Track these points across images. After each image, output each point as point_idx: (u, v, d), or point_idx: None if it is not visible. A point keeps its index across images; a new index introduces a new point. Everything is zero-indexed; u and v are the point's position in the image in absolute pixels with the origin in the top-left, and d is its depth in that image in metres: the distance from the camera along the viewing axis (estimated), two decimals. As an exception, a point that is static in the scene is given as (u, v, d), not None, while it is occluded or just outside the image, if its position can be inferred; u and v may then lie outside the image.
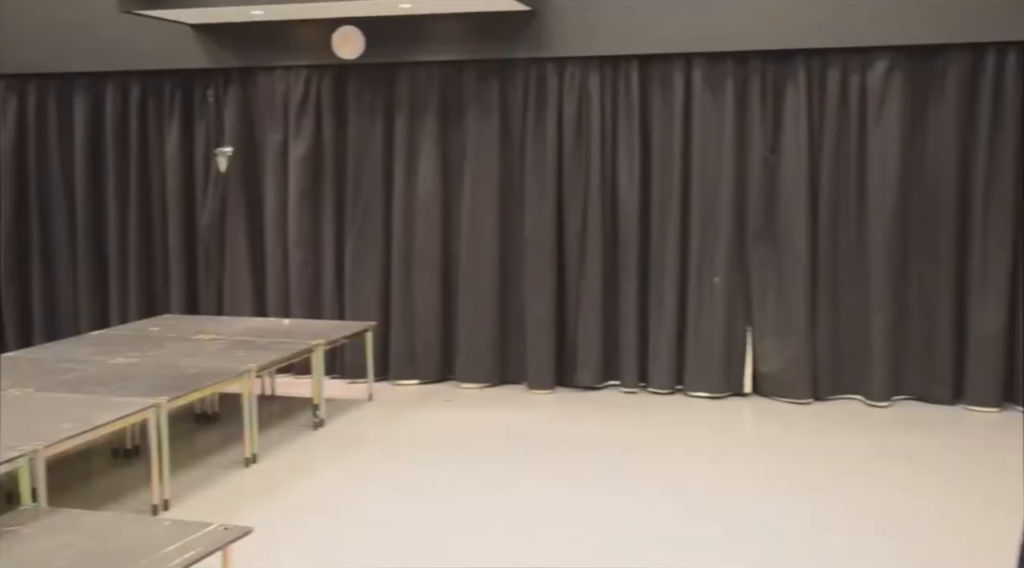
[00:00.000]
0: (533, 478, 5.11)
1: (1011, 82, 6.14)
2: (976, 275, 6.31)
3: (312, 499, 4.87)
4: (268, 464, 5.34)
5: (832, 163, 6.50)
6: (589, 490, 4.92)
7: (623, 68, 6.74)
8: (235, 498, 4.88)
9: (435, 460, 5.44)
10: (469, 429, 6.07)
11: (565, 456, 5.51)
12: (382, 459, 5.54)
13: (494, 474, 5.17)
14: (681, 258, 6.76)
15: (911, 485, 4.96)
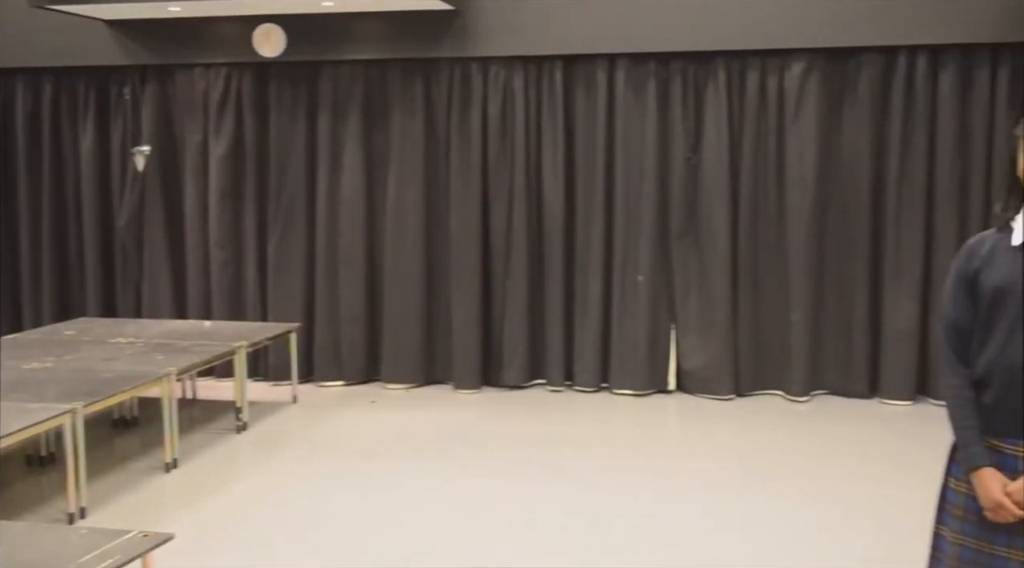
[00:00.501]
0: (462, 478, 5.10)
1: (921, 84, 6.32)
2: (890, 272, 6.49)
3: (235, 504, 4.79)
4: (189, 469, 5.24)
5: (751, 163, 6.62)
6: (517, 488, 4.93)
7: (547, 68, 6.77)
8: (155, 504, 4.78)
9: (362, 462, 5.40)
10: (396, 430, 6.04)
11: (492, 455, 5.51)
12: (307, 462, 5.47)
13: (422, 475, 5.15)
14: (605, 257, 6.82)
15: (828, 477, 5.07)
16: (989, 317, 2.32)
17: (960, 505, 2.39)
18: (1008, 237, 2.33)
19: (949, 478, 2.45)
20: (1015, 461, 2.29)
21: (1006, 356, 2.27)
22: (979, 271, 2.35)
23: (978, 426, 2.33)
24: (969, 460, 2.33)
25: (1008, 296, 2.27)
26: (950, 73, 6.29)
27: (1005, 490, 2.26)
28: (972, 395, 2.35)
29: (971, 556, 2.35)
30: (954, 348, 2.39)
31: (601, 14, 6.54)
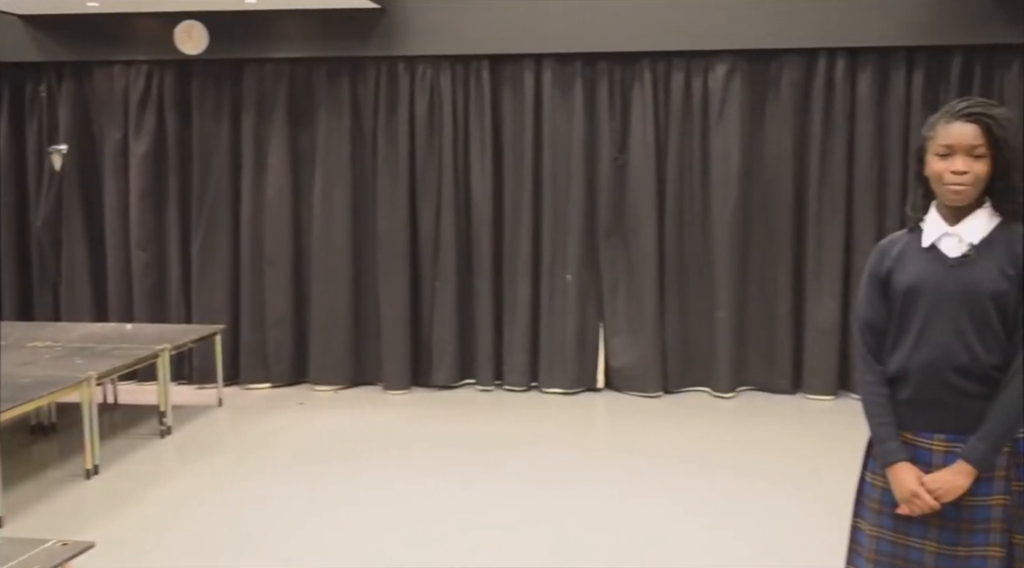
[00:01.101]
0: (393, 479, 5.07)
1: (840, 85, 6.47)
2: (812, 271, 6.62)
3: (159, 510, 4.70)
4: (111, 475, 5.12)
5: (677, 163, 6.71)
6: (450, 489, 4.92)
7: (474, 68, 6.77)
8: (75, 512, 4.66)
9: (290, 465, 5.33)
10: (325, 432, 5.98)
11: (424, 456, 5.48)
12: (233, 466, 5.39)
13: (353, 477, 5.11)
14: (534, 256, 6.84)
15: (754, 471, 5.15)
16: (902, 316, 2.38)
17: (877, 499, 2.45)
18: (919, 238, 2.39)
19: (866, 472, 2.51)
20: (929, 454, 2.36)
21: (919, 353, 2.33)
22: (891, 271, 2.41)
23: (893, 422, 2.39)
24: (885, 455, 2.39)
25: (919, 295, 2.34)
26: (868, 75, 6.44)
27: (920, 481, 2.33)
28: (887, 392, 2.41)
29: (888, 548, 2.41)
30: (869, 346, 2.45)
31: (528, 14, 6.56)
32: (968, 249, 2.31)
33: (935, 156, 2.32)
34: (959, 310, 2.30)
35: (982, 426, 2.28)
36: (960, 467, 2.30)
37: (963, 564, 2.33)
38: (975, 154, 2.27)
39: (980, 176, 2.28)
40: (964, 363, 2.29)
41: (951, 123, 2.30)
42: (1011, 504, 2.32)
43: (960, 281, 2.30)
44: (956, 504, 2.31)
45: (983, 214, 2.33)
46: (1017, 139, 2.28)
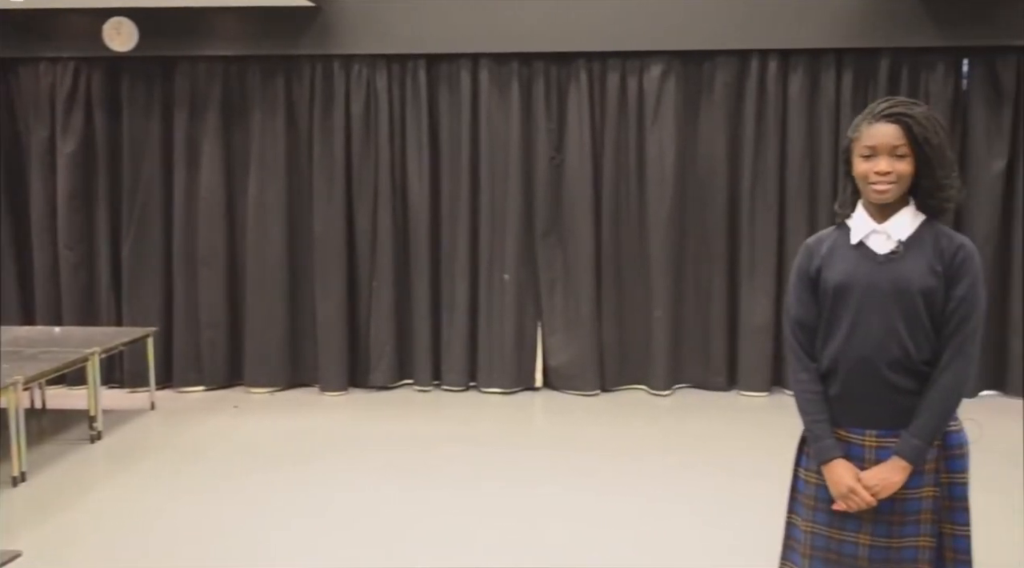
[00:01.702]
0: (330, 482, 5.02)
1: (772, 86, 6.57)
2: (746, 269, 6.72)
3: (88, 518, 4.59)
4: (39, 482, 4.99)
5: (614, 162, 6.75)
6: (388, 490, 4.88)
7: (411, 67, 6.74)
8: (2, 521, 4.52)
9: (225, 469, 5.25)
10: (260, 435, 5.90)
11: (362, 458, 5.44)
12: (166, 471, 5.29)
13: (290, 481, 5.04)
14: (471, 256, 6.84)
15: (691, 468, 5.21)
16: (832, 313, 2.41)
17: (811, 495, 2.48)
18: (847, 235, 2.44)
19: (799, 469, 2.54)
20: (861, 450, 2.40)
21: (850, 349, 2.37)
22: (820, 269, 2.44)
23: (828, 419, 2.43)
24: (821, 453, 2.42)
25: (849, 292, 2.38)
26: (799, 76, 6.55)
27: (857, 478, 2.36)
28: (820, 389, 2.44)
29: (823, 543, 2.45)
30: (800, 344, 2.48)
31: (464, 14, 6.55)
32: (897, 246, 2.36)
33: (860, 157, 2.36)
34: (890, 306, 2.34)
35: (914, 422, 2.33)
36: (895, 463, 2.34)
37: (895, 555, 2.38)
38: (897, 154, 2.32)
39: (903, 175, 2.33)
40: (896, 358, 2.33)
41: (873, 124, 2.35)
42: (940, 496, 2.38)
43: (890, 277, 2.35)
44: (890, 498, 2.35)
45: (909, 212, 2.39)
46: (938, 137, 2.33)
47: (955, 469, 2.39)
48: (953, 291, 2.33)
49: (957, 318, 2.32)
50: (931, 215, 2.40)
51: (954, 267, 2.33)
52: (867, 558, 2.39)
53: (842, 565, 2.42)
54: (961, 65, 6.53)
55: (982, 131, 6.50)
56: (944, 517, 2.39)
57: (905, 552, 2.38)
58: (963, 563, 2.39)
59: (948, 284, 2.33)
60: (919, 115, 2.33)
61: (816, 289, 2.46)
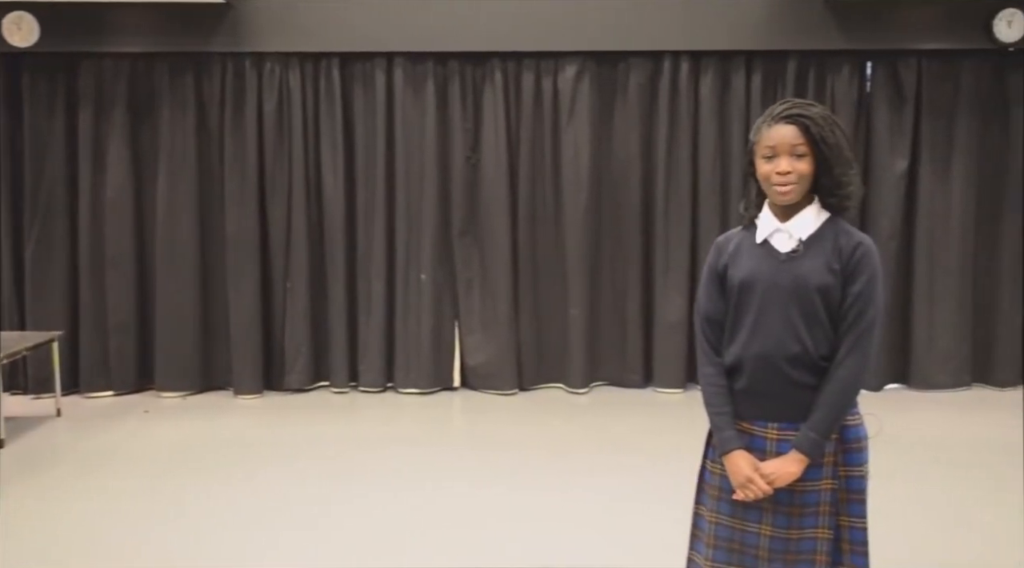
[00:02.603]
0: (245, 487, 4.93)
1: (684, 87, 6.67)
2: (660, 267, 6.80)
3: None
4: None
5: (529, 162, 6.78)
6: (305, 493, 4.82)
7: (324, 65, 6.67)
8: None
9: (134, 476, 5.12)
10: (171, 441, 5.77)
11: (276, 461, 5.36)
12: (72, 479, 5.13)
13: (201, 486, 4.94)
14: (388, 256, 6.80)
15: (608, 464, 5.25)
16: (737, 310, 2.47)
17: (716, 486, 2.54)
18: (753, 234, 2.50)
19: (706, 461, 2.60)
20: (764, 442, 2.46)
21: (754, 345, 2.43)
22: (728, 267, 2.50)
23: (731, 412, 2.49)
24: (723, 444, 2.48)
25: (752, 290, 2.44)
26: (710, 77, 6.67)
27: (755, 468, 2.42)
28: (725, 383, 2.50)
29: (726, 533, 2.51)
30: (708, 339, 2.54)
31: (378, 12, 6.50)
32: (797, 245, 2.42)
33: (762, 158, 2.42)
34: (790, 303, 2.40)
35: (812, 416, 2.39)
36: (793, 456, 2.40)
37: (795, 546, 2.44)
38: (797, 154, 2.38)
39: (804, 174, 2.39)
40: (795, 354, 2.39)
41: (772, 126, 2.41)
42: (838, 488, 2.45)
43: (790, 275, 2.41)
44: (789, 490, 2.41)
45: (811, 211, 2.45)
46: (834, 136, 2.39)
47: (852, 462, 2.46)
48: (850, 288, 2.39)
49: (853, 314, 2.39)
50: (834, 213, 2.46)
51: (851, 264, 2.39)
52: (768, 548, 2.45)
53: (744, 555, 2.48)
54: (865, 68, 6.72)
55: (885, 132, 6.70)
56: (841, 509, 2.46)
57: (804, 543, 2.44)
58: (859, 554, 2.46)
59: (845, 281, 2.39)
60: (816, 115, 2.39)
61: (724, 286, 2.52)
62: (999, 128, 6.76)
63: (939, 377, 6.81)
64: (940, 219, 6.74)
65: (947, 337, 6.78)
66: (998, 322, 6.83)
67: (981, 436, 5.81)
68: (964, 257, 6.76)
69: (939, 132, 6.70)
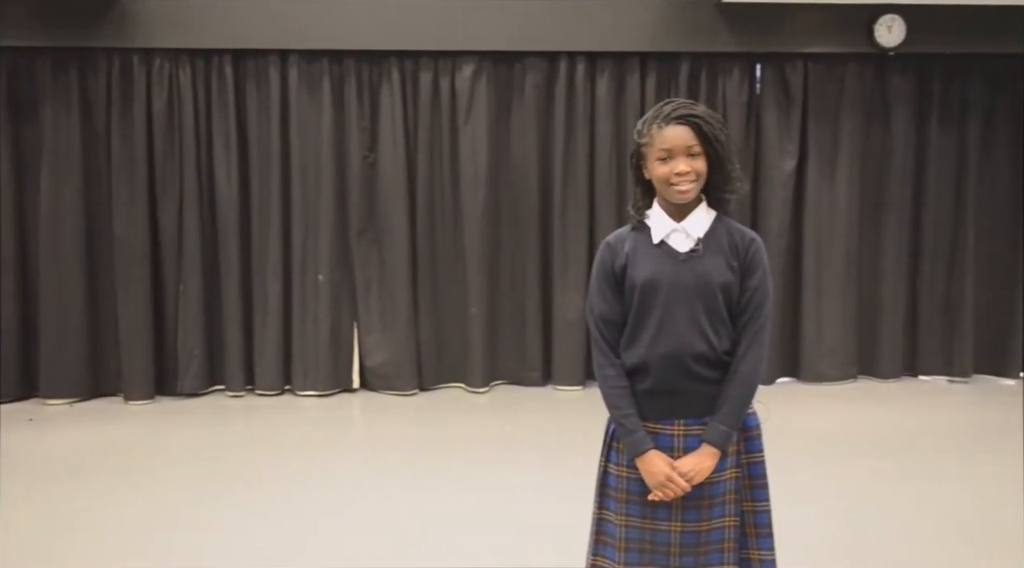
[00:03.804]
0: (133, 495, 4.79)
1: (581, 87, 6.73)
2: (558, 266, 6.86)
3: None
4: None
5: (427, 161, 6.76)
6: (200, 500, 4.70)
7: (216, 62, 6.53)
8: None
9: (18, 487, 4.91)
10: (58, 449, 5.56)
11: (168, 468, 5.22)
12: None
13: (90, 494, 4.78)
14: (284, 256, 6.70)
15: (507, 464, 5.27)
16: (640, 310, 2.48)
17: (623, 489, 2.54)
18: (647, 235, 2.52)
19: (609, 464, 2.59)
20: (671, 440, 2.49)
21: (660, 345, 2.45)
22: (625, 268, 2.51)
23: (637, 413, 2.49)
24: (634, 446, 2.48)
25: (656, 290, 2.46)
26: (606, 78, 6.75)
27: (671, 466, 2.45)
28: (627, 384, 2.51)
29: (636, 534, 2.52)
30: (606, 340, 2.53)
31: (272, 9, 6.40)
32: (697, 244, 2.47)
33: (657, 161, 2.45)
34: (694, 302, 2.44)
35: (719, 409, 2.44)
36: (706, 450, 2.44)
37: (704, 538, 2.49)
38: (692, 153, 2.43)
39: (701, 173, 2.45)
40: (702, 351, 2.43)
41: (664, 128, 2.44)
42: (741, 476, 2.51)
43: (693, 274, 2.44)
44: (698, 484, 2.45)
45: (703, 209, 2.50)
46: (724, 133, 2.45)
47: (753, 449, 2.53)
48: (747, 283, 2.45)
49: (752, 308, 2.45)
50: (718, 209, 2.52)
51: (747, 261, 2.46)
52: (679, 544, 2.48)
53: (656, 554, 2.50)
54: (754, 70, 6.90)
55: (774, 133, 6.88)
56: (745, 496, 2.52)
57: (713, 533, 2.49)
58: (765, 536, 2.53)
59: (743, 277, 2.46)
60: (704, 114, 2.44)
61: (620, 286, 2.52)
62: (881, 129, 7.02)
63: (827, 370, 7.04)
64: (826, 217, 6.97)
65: (834, 331, 7.01)
66: (882, 316, 7.09)
67: (866, 426, 6.02)
68: (849, 253, 7.00)
69: (825, 133, 6.92)
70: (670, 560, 2.48)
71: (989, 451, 5.46)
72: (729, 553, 2.48)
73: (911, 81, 6.94)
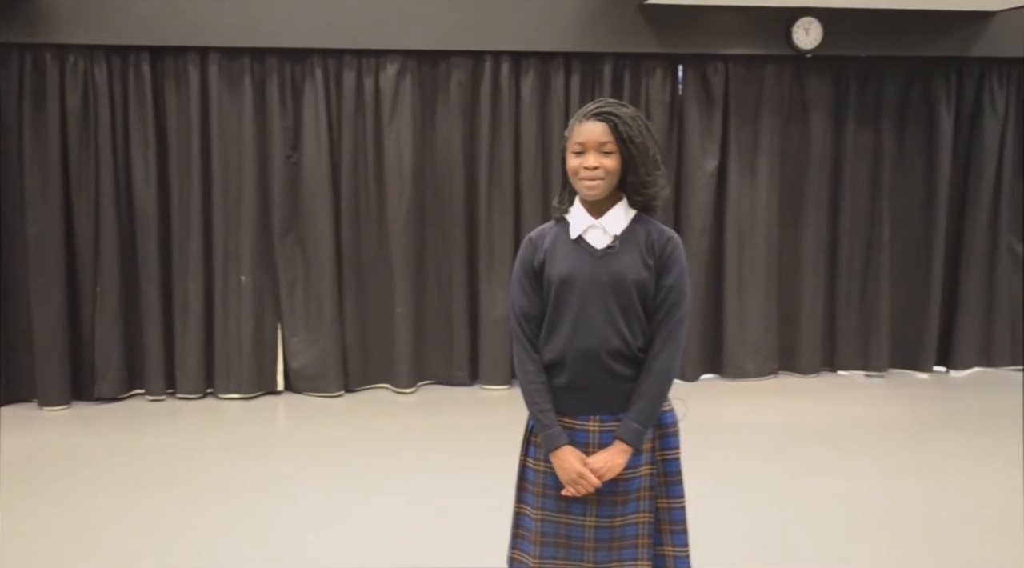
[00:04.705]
0: (47, 503, 4.66)
1: (506, 86, 6.74)
2: (484, 265, 6.86)
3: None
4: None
5: (352, 161, 6.70)
6: (118, 508, 4.60)
7: (133, 59, 6.38)
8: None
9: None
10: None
11: (86, 475, 5.09)
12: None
13: (5, 507, 4.64)
14: (205, 257, 6.58)
15: (434, 464, 5.26)
16: (557, 306, 2.50)
17: (540, 483, 2.57)
18: (567, 230, 2.54)
19: (527, 459, 2.62)
20: (586, 435, 2.51)
21: (576, 340, 2.47)
22: (544, 263, 2.53)
23: (553, 409, 2.51)
24: (549, 441, 2.50)
25: (572, 286, 2.48)
26: (530, 78, 6.77)
27: (583, 463, 2.47)
28: (545, 379, 2.52)
29: (552, 529, 2.54)
30: (526, 335, 2.55)
31: (191, 5, 6.27)
32: (613, 241, 2.49)
33: (572, 153, 2.49)
34: (609, 298, 2.46)
35: (633, 407, 2.46)
36: (618, 447, 2.46)
37: (618, 533, 2.51)
38: (605, 151, 2.45)
39: (611, 170, 2.47)
40: (616, 347, 2.46)
41: (583, 123, 2.48)
42: (656, 472, 2.54)
43: (608, 271, 2.47)
44: (612, 480, 2.48)
45: (622, 207, 2.53)
46: (641, 136, 2.48)
47: (668, 446, 2.56)
48: (663, 281, 2.48)
49: (667, 306, 2.48)
50: (640, 209, 2.54)
51: (663, 259, 2.48)
52: (593, 539, 2.51)
53: (571, 548, 2.52)
54: (677, 71, 6.98)
55: (696, 133, 6.98)
56: (660, 492, 2.55)
57: (627, 529, 2.52)
58: (679, 532, 2.56)
59: (659, 275, 2.48)
60: (625, 115, 2.47)
61: (540, 282, 2.54)
62: (799, 129, 7.16)
63: (749, 366, 7.16)
64: (747, 216, 7.08)
65: (756, 329, 7.13)
66: (802, 313, 7.24)
67: (787, 421, 6.14)
68: (770, 252, 7.13)
69: (745, 133, 7.03)
70: (584, 555, 2.51)
71: (903, 444, 5.62)
72: (643, 549, 2.51)
73: (828, 82, 7.10)
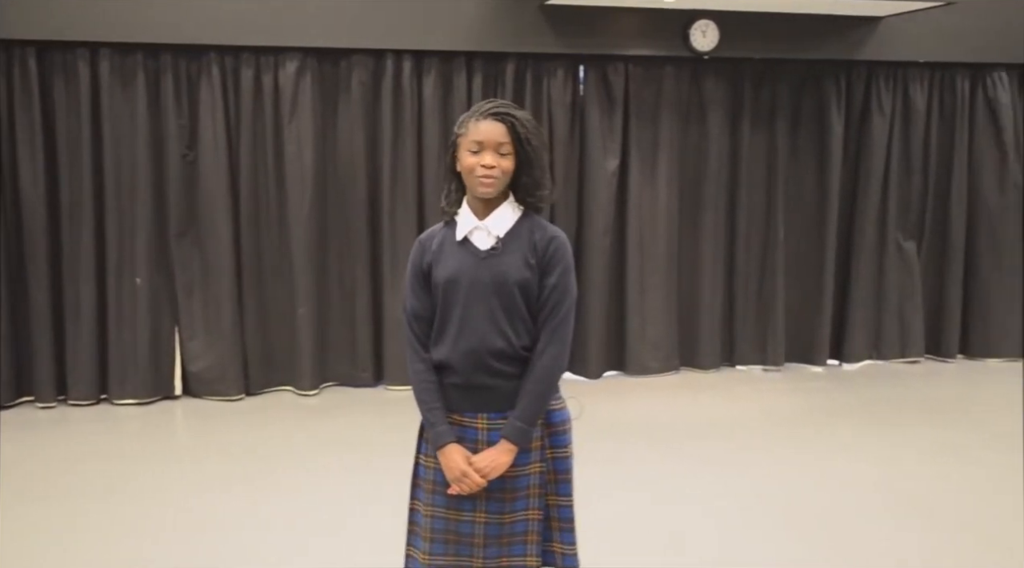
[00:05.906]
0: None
1: (408, 85, 6.71)
2: (388, 265, 6.82)
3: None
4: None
5: (251, 160, 6.59)
6: (7, 516, 4.46)
7: (18, 55, 6.16)
8: None
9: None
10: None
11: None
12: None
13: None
14: (98, 259, 6.39)
15: (337, 465, 5.22)
16: (444, 307, 2.53)
17: (430, 479, 2.59)
18: (454, 232, 2.57)
19: (420, 456, 2.66)
20: (475, 432, 2.54)
21: (462, 341, 2.50)
22: (432, 265, 2.56)
23: (442, 407, 2.54)
24: (436, 438, 2.54)
25: (457, 288, 2.51)
26: (432, 77, 6.75)
27: (468, 461, 2.49)
28: (434, 378, 2.55)
29: (442, 525, 2.56)
30: (416, 335, 2.58)
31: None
32: (496, 242, 2.51)
33: (467, 152, 2.50)
34: (492, 299, 2.49)
35: (517, 406, 2.49)
36: (503, 446, 2.49)
37: (508, 529, 2.54)
38: (501, 151, 2.48)
39: (506, 170, 2.49)
40: (500, 348, 2.48)
41: (480, 122, 2.49)
42: (546, 470, 2.57)
43: (491, 272, 2.49)
44: (500, 477, 2.50)
45: (508, 206, 2.55)
46: (538, 139, 2.51)
47: (558, 444, 2.59)
48: (546, 280, 2.51)
49: (551, 305, 2.51)
50: (528, 210, 2.57)
51: (547, 258, 2.51)
52: (483, 535, 2.53)
53: (460, 544, 2.55)
54: (578, 71, 7.05)
55: (597, 133, 7.05)
56: (550, 490, 2.58)
57: (516, 526, 2.54)
58: (567, 531, 2.60)
59: (542, 274, 2.52)
60: (522, 117, 2.50)
61: (429, 284, 2.56)
62: (697, 130, 7.30)
63: (651, 363, 7.27)
64: (648, 215, 7.19)
65: (657, 326, 7.25)
66: (701, 311, 7.38)
67: (688, 416, 6.26)
68: (670, 251, 7.25)
69: (645, 133, 7.14)
70: (474, 551, 2.53)
71: (799, 436, 5.78)
72: (532, 545, 2.54)
73: (724, 84, 7.25)
